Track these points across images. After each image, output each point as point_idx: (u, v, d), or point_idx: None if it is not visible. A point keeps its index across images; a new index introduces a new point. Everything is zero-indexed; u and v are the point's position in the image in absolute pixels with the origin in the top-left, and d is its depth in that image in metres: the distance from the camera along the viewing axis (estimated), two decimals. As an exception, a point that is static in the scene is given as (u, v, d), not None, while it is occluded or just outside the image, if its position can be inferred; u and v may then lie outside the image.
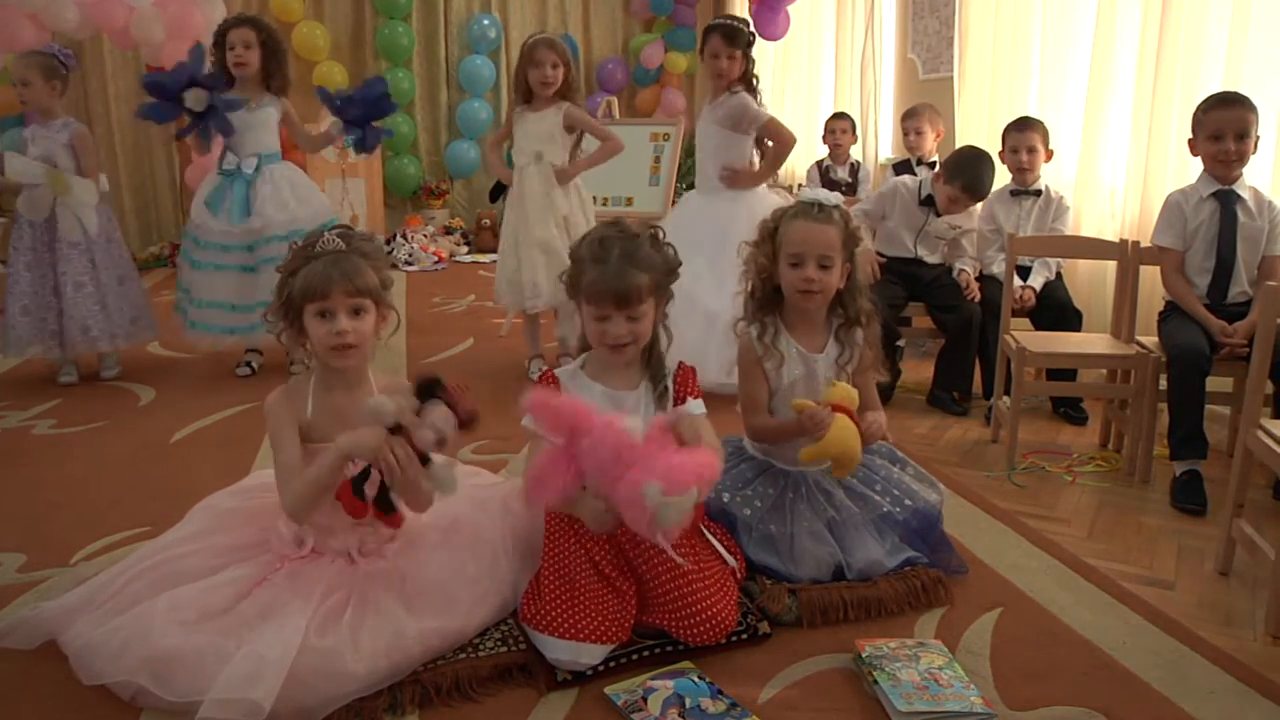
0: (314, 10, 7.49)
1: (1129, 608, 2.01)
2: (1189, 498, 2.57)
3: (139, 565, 1.86)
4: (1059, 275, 3.52)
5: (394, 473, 1.71)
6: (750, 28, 3.60)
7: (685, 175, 6.13)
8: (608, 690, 1.68)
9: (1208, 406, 2.66)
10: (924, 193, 3.62)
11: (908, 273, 3.60)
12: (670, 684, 1.69)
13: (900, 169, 4.69)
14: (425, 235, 7.33)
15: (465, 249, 7.50)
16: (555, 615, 1.76)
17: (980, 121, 4.45)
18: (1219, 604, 2.07)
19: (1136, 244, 3.04)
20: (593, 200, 3.91)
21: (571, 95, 3.71)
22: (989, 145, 3.95)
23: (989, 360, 3.37)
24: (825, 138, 5.39)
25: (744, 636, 1.85)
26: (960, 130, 4.60)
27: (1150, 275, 3.03)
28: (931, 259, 3.66)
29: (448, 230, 7.65)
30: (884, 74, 5.84)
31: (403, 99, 7.63)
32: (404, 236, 7.18)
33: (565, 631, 1.73)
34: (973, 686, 1.68)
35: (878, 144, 5.85)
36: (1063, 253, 3.46)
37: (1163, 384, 2.74)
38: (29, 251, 3.62)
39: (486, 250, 7.42)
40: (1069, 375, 3.25)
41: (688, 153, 6.04)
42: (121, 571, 1.87)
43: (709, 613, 1.80)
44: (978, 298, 3.46)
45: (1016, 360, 2.94)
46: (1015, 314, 3.30)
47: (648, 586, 1.85)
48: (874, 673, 1.70)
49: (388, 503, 1.77)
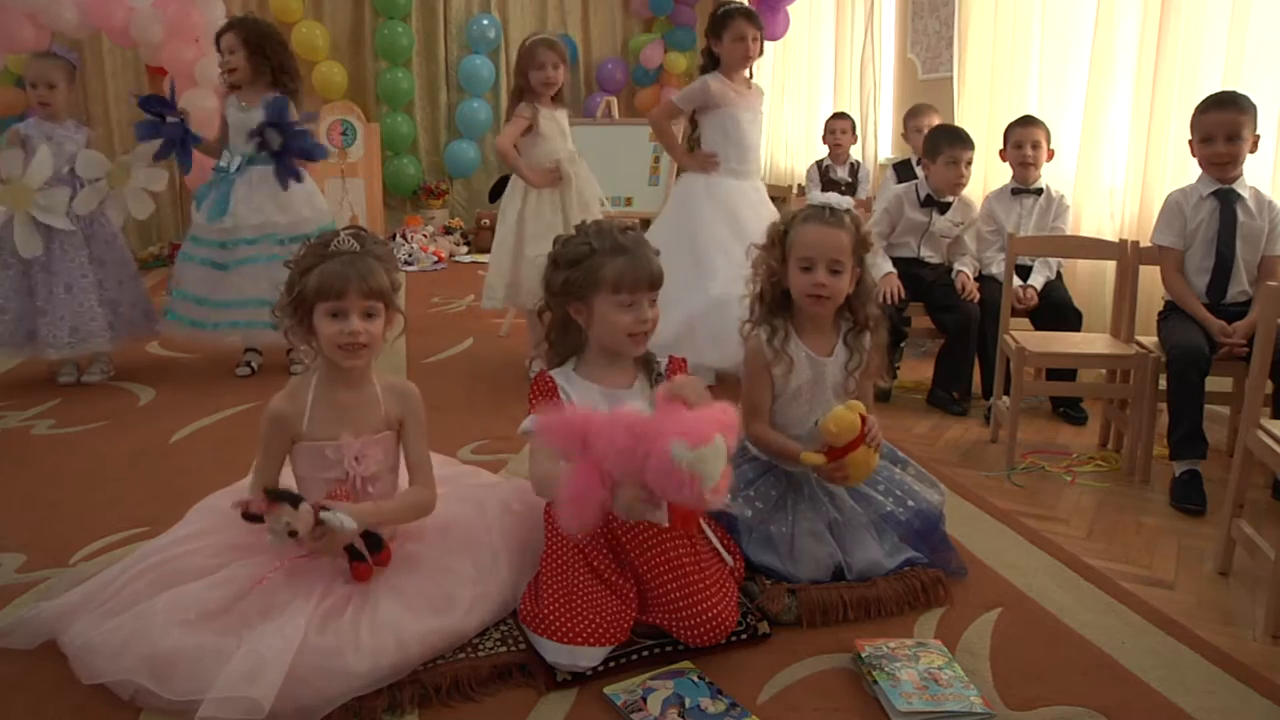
0: (313, 10, 7.48)
1: (1128, 607, 2.01)
2: (1188, 498, 2.57)
3: (138, 565, 1.86)
4: (1059, 275, 3.52)
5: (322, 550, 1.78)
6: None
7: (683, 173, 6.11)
8: (607, 690, 1.68)
9: (1207, 406, 2.66)
10: (922, 194, 3.63)
11: (909, 273, 3.60)
12: (670, 684, 1.69)
13: (900, 169, 4.70)
14: (425, 235, 7.33)
15: (465, 249, 7.50)
16: (553, 618, 1.75)
17: (980, 121, 4.45)
18: (1218, 604, 2.07)
19: (1136, 244, 3.04)
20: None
21: (567, 98, 3.77)
22: (989, 145, 3.95)
23: (988, 360, 3.37)
24: (825, 138, 5.40)
25: (744, 636, 1.85)
26: (960, 130, 4.60)
27: (1150, 275, 3.03)
28: (934, 259, 3.66)
29: (447, 230, 7.65)
30: (883, 74, 5.84)
31: (402, 99, 7.64)
32: (403, 236, 7.18)
33: (563, 635, 1.73)
34: (972, 686, 1.68)
35: (877, 144, 5.85)
36: (1062, 253, 3.46)
37: (1162, 384, 2.74)
38: (14, 253, 3.58)
39: (486, 250, 7.37)
40: (1068, 375, 3.25)
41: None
42: (121, 571, 1.87)
43: (709, 613, 1.80)
44: (976, 298, 3.46)
45: (1016, 360, 2.94)
46: (1017, 313, 3.30)
47: (647, 586, 1.85)
48: (873, 673, 1.70)
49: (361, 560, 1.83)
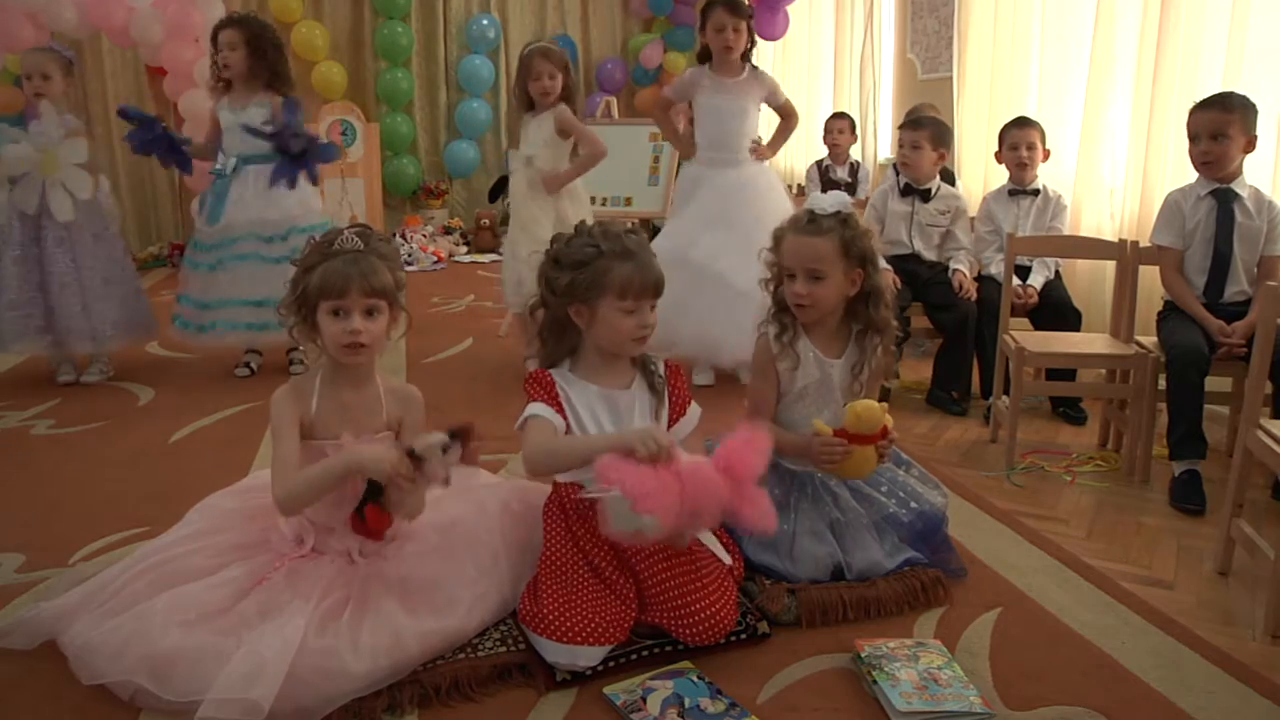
0: (313, 10, 7.49)
1: (1128, 607, 2.01)
2: (1188, 497, 2.57)
3: (138, 565, 1.86)
4: (1058, 275, 3.52)
5: (400, 491, 1.78)
6: (750, 6, 3.65)
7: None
8: (607, 690, 1.68)
9: (1206, 406, 2.66)
10: (901, 184, 3.68)
11: (907, 270, 3.60)
12: (669, 684, 1.69)
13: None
14: (424, 235, 7.34)
15: (464, 249, 7.50)
16: (553, 618, 1.75)
17: (980, 121, 4.45)
18: (1218, 604, 2.07)
19: (1135, 244, 3.04)
20: (589, 200, 3.91)
21: (570, 99, 3.72)
22: (988, 145, 3.95)
23: (988, 360, 3.37)
24: (825, 138, 5.41)
25: (743, 636, 1.85)
26: (960, 130, 4.60)
27: (1149, 275, 3.03)
28: (929, 254, 3.67)
29: (447, 230, 7.65)
30: (883, 74, 5.85)
31: (402, 99, 7.64)
32: (403, 236, 7.18)
33: (562, 635, 1.73)
34: (972, 686, 1.68)
35: (876, 144, 5.85)
36: (1061, 253, 3.47)
37: (1161, 384, 2.74)
38: (17, 246, 3.60)
39: (485, 250, 7.42)
40: (1068, 375, 3.25)
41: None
42: (121, 571, 1.87)
43: (708, 612, 1.80)
44: (974, 297, 3.47)
45: (1015, 360, 2.94)
46: (1016, 313, 3.30)
47: (646, 586, 1.84)
48: (873, 672, 1.70)
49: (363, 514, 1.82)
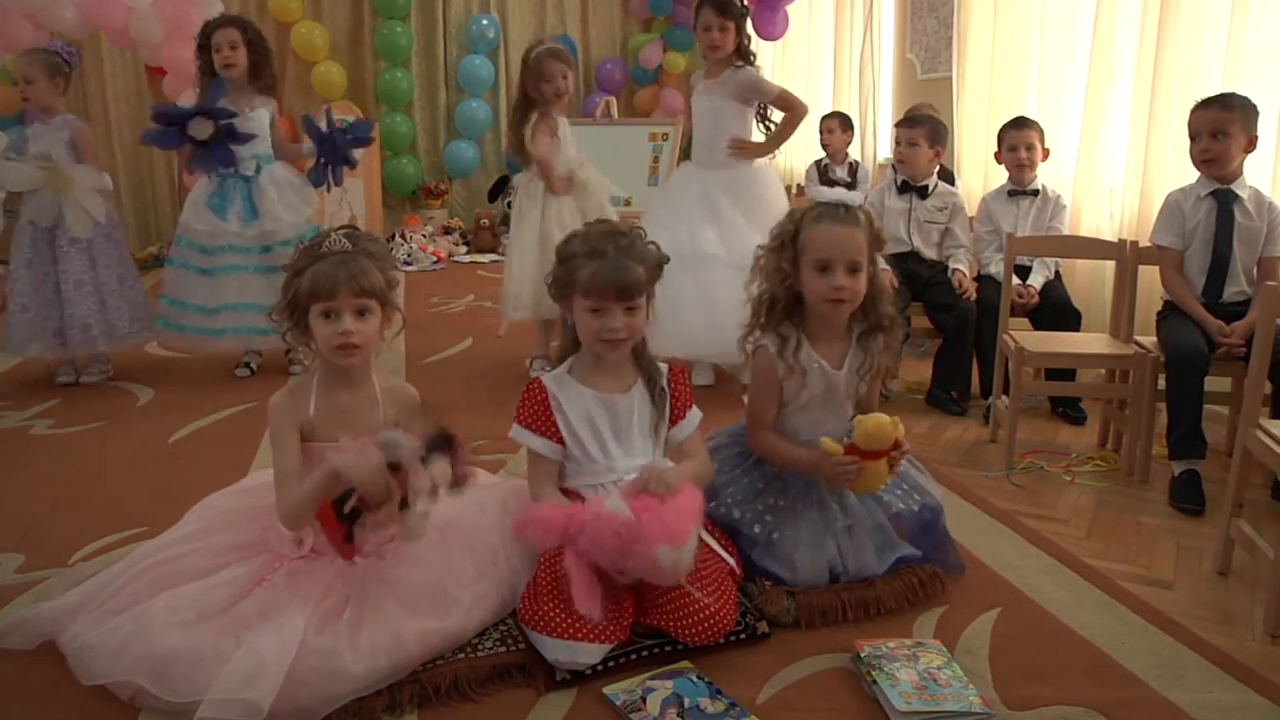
0: (312, 10, 7.49)
1: (1127, 607, 2.01)
2: (1187, 497, 2.57)
3: (137, 565, 1.86)
4: (1058, 275, 3.52)
5: (376, 502, 1.70)
6: (742, 5, 3.61)
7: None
8: (606, 690, 1.68)
9: (1206, 406, 2.66)
10: (898, 181, 3.70)
11: (906, 270, 3.60)
12: (669, 684, 1.69)
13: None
14: (424, 235, 7.33)
15: (464, 249, 7.50)
16: (552, 615, 1.75)
17: (980, 121, 4.45)
18: (1218, 603, 2.07)
19: (1135, 244, 3.04)
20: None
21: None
22: (988, 145, 3.95)
23: (987, 360, 3.37)
24: (820, 137, 5.41)
25: (742, 636, 1.85)
26: (959, 130, 4.60)
27: (1149, 275, 3.04)
28: (928, 251, 3.67)
29: (446, 230, 7.65)
30: (883, 74, 5.85)
31: (401, 99, 7.63)
32: (402, 236, 7.18)
33: (563, 631, 1.73)
34: (971, 686, 1.68)
35: (876, 143, 5.85)
36: (1061, 253, 3.47)
37: (1161, 384, 2.74)
38: (29, 249, 3.62)
39: (485, 250, 7.42)
40: (1068, 375, 3.25)
41: (685, 153, 6.05)
42: (120, 572, 1.87)
43: (707, 613, 1.80)
44: (973, 297, 3.47)
45: (1015, 360, 2.94)
46: (1016, 313, 3.30)
47: (646, 587, 1.84)
48: (873, 673, 1.70)
49: (349, 531, 1.74)
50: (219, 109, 3.60)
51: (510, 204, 3.89)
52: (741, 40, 3.59)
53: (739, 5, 3.57)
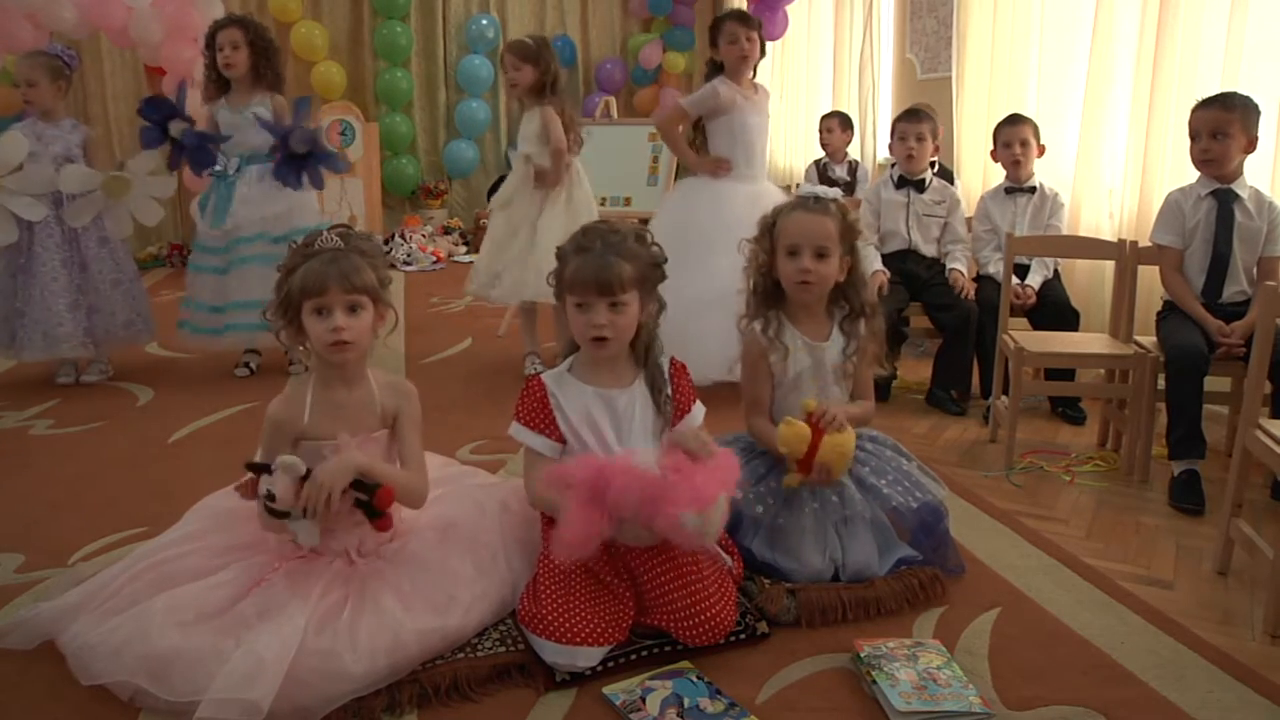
0: (312, 10, 7.48)
1: (1127, 607, 2.01)
2: (1187, 497, 2.57)
3: (137, 565, 1.86)
4: (1057, 274, 3.52)
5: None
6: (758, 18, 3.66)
7: (683, 174, 6.12)
8: (606, 690, 1.68)
9: (1206, 406, 2.66)
10: (895, 176, 3.71)
11: (905, 269, 3.60)
12: (669, 684, 1.69)
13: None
14: (423, 235, 7.33)
15: (463, 249, 7.49)
16: (552, 619, 1.75)
17: (979, 121, 4.44)
18: (1217, 603, 2.07)
19: (1134, 244, 3.05)
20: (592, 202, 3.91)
21: (548, 95, 3.71)
22: (987, 145, 3.95)
23: (987, 360, 3.37)
24: (819, 136, 5.41)
25: (742, 636, 1.85)
26: (959, 130, 4.60)
27: (1148, 275, 3.04)
28: (927, 248, 3.67)
29: (446, 230, 7.64)
30: (882, 74, 5.84)
31: (401, 99, 7.63)
32: (402, 236, 7.18)
33: (561, 635, 1.73)
34: (971, 686, 1.68)
35: (875, 143, 5.85)
36: (1061, 252, 3.47)
37: (1161, 383, 2.74)
38: (22, 255, 3.58)
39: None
40: (1067, 375, 3.25)
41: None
42: (120, 572, 1.87)
43: (707, 613, 1.80)
44: (972, 296, 3.47)
45: (1015, 360, 2.94)
46: (1015, 312, 3.30)
47: (645, 588, 1.84)
48: (872, 672, 1.70)
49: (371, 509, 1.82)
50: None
51: (499, 198, 3.89)
52: (763, 51, 3.64)
53: (756, 19, 3.63)
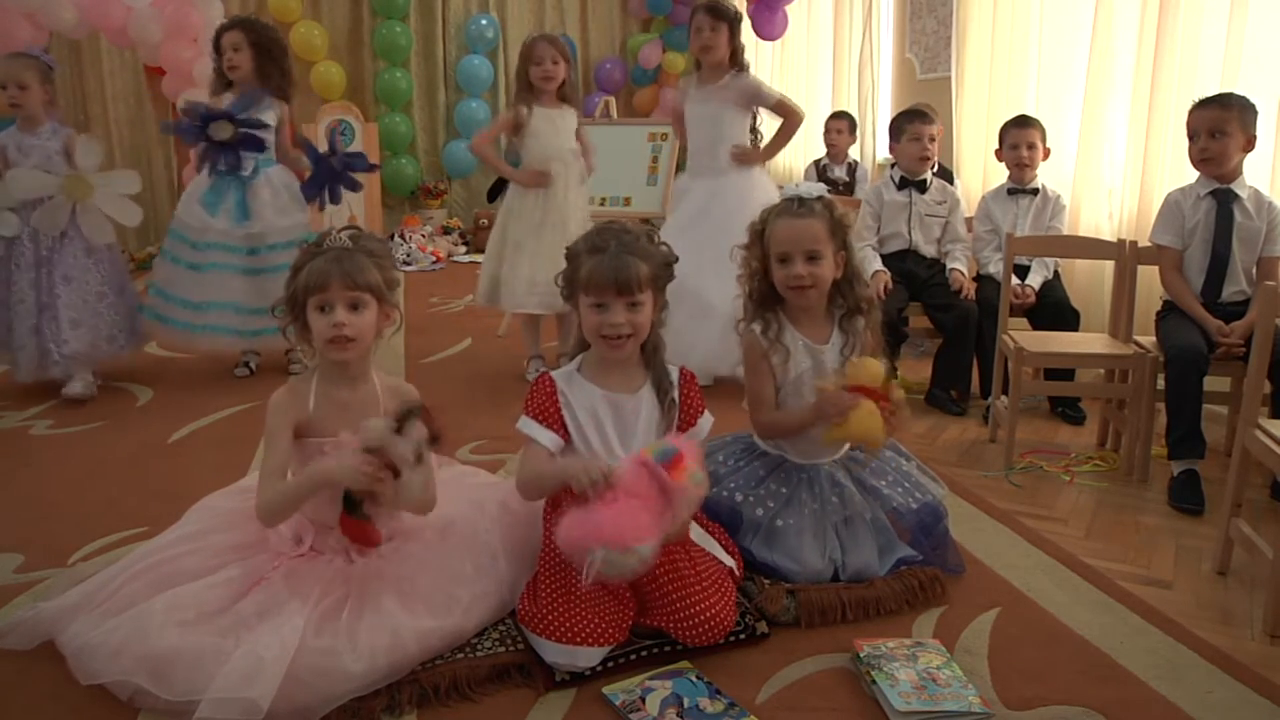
0: (311, 10, 7.49)
1: (1127, 607, 2.01)
2: (1187, 497, 2.57)
3: (137, 565, 1.86)
4: (1056, 275, 3.52)
5: (371, 490, 1.75)
6: (735, 10, 3.62)
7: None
8: (606, 690, 1.68)
9: (1205, 406, 2.66)
10: (896, 178, 3.70)
11: (904, 270, 3.60)
12: (668, 684, 1.69)
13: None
14: (423, 235, 7.33)
15: (463, 249, 7.50)
16: (552, 618, 1.75)
17: (979, 121, 4.45)
18: (1217, 603, 2.07)
19: (1134, 244, 3.05)
20: (589, 201, 3.91)
21: (572, 96, 3.73)
22: (987, 145, 3.96)
23: (987, 360, 3.37)
24: (825, 137, 5.42)
25: (742, 636, 1.85)
26: (959, 130, 4.60)
27: (1148, 275, 3.04)
28: (927, 248, 3.67)
29: (445, 230, 7.65)
30: (882, 74, 5.85)
31: (401, 99, 7.63)
32: (402, 236, 7.18)
33: (562, 635, 1.73)
34: (970, 686, 1.68)
35: (875, 144, 5.85)
36: (1060, 252, 3.47)
37: (1160, 383, 2.74)
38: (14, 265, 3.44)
39: (485, 250, 7.40)
40: (1067, 375, 3.25)
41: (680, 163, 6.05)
42: (119, 572, 1.87)
43: (707, 613, 1.80)
44: (972, 295, 3.47)
45: (1014, 360, 2.94)
46: (1015, 312, 3.30)
47: (645, 588, 1.84)
48: (872, 672, 1.70)
49: (366, 521, 1.81)
50: (248, 119, 3.61)
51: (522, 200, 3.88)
52: (735, 45, 3.60)
53: (733, 9, 3.59)
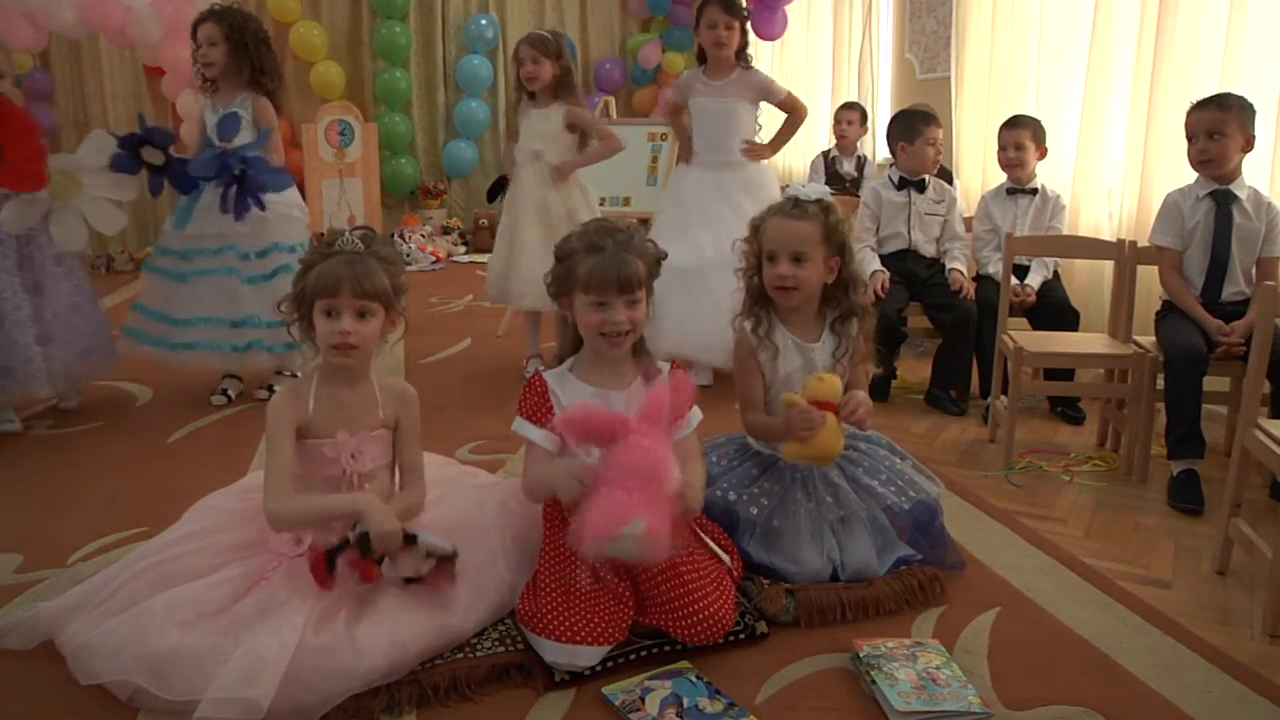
0: (311, 10, 7.48)
1: (1126, 607, 2.01)
2: (1186, 497, 2.58)
3: (136, 565, 1.86)
4: (1056, 275, 3.52)
5: (377, 554, 1.79)
6: (746, 5, 3.65)
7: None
8: (605, 690, 1.68)
9: (1205, 406, 2.66)
10: (896, 179, 3.70)
11: (904, 270, 3.60)
12: (668, 684, 1.69)
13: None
14: (423, 235, 7.33)
15: (463, 249, 7.50)
16: (552, 618, 1.75)
17: (978, 121, 4.45)
18: (1216, 603, 2.07)
19: (1134, 244, 3.05)
20: (596, 199, 3.91)
21: (566, 92, 3.73)
22: (987, 146, 3.96)
23: (986, 360, 3.37)
24: (834, 127, 5.38)
25: (742, 636, 1.85)
26: (958, 130, 4.60)
27: (1147, 275, 3.04)
28: (927, 247, 3.67)
29: (445, 230, 7.65)
30: (882, 74, 5.85)
31: (400, 99, 7.63)
32: (401, 237, 7.18)
33: (561, 635, 1.73)
34: (970, 686, 1.68)
35: (875, 143, 5.85)
36: (1060, 252, 3.47)
37: (1160, 383, 2.75)
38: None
39: (484, 250, 7.38)
40: (1066, 375, 3.25)
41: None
42: (119, 572, 1.87)
43: (707, 613, 1.80)
44: (971, 295, 3.47)
45: (1014, 360, 2.94)
46: (1014, 312, 3.30)
47: (645, 588, 1.84)
48: (872, 672, 1.70)
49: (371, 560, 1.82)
50: (160, 133, 3.32)
51: (508, 196, 3.88)
52: (745, 40, 3.62)
53: (744, 5, 3.60)
